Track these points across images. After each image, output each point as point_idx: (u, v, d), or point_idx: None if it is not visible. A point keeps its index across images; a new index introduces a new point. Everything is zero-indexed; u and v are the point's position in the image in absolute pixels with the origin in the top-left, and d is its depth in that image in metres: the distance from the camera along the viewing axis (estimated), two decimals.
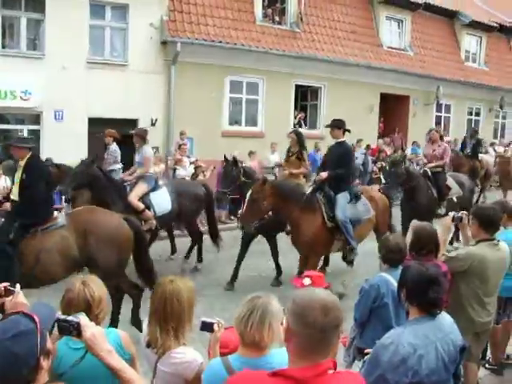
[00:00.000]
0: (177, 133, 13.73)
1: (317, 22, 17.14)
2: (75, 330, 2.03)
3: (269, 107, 15.90)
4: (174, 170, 12.28)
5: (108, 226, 5.83)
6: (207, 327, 2.79)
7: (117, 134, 10.15)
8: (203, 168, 11.97)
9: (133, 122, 14.00)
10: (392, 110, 19.54)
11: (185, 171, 11.88)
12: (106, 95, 13.07)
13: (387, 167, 9.71)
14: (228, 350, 2.60)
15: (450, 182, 9.88)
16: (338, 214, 6.97)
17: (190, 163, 12.23)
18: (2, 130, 13.47)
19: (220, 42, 14.53)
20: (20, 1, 12.72)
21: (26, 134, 13.04)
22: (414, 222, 7.67)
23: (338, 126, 7.42)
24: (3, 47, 12.59)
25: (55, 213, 6.00)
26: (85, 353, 2.12)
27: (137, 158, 8.53)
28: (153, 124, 14.01)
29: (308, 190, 7.25)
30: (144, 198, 8.20)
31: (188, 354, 2.72)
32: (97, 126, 13.16)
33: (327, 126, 7.64)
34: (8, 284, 2.61)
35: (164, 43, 13.99)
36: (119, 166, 9.47)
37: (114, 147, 10.11)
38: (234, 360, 2.45)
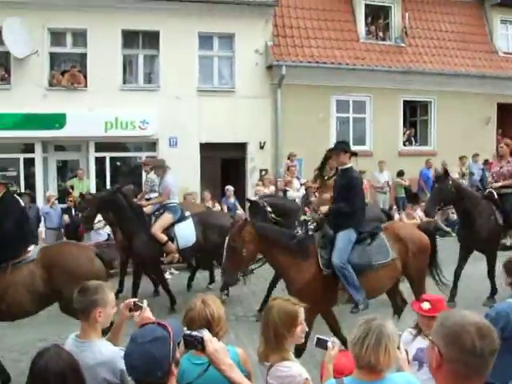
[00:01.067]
0: (285, 154, 13.95)
1: (422, 34, 16.63)
2: (199, 344, 2.14)
3: (376, 125, 15.61)
4: (285, 191, 12.28)
5: (74, 259, 5.77)
6: (321, 344, 2.85)
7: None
8: (314, 189, 11.88)
9: (242, 146, 14.54)
10: None
11: (296, 193, 11.81)
12: (215, 121, 13.72)
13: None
14: (343, 377, 2.57)
15: None
16: (332, 258, 5.67)
17: (301, 185, 12.21)
18: (122, 157, 14.65)
19: (324, 62, 14.61)
20: (138, 40, 13.97)
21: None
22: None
23: (344, 149, 6.00)
24: (124, 83, 13.77)
25: (31, 247, 5.95)
26: (208, 366, 2.22)
27: (160, 188, 8.47)
28: (261, 147, 14.41)
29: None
30: (169, 229, 8.01)
31: (294, 368, 2.75)
32: (208, 150, 13.83)
33: (331, 150, 6.28)
34: (137, 300, 2.83)
35: (269, 68, 14.37)
36: (155, 195, 9.57)
37: (150, 176, 9.99)
38: (349, 382, 2.41)
